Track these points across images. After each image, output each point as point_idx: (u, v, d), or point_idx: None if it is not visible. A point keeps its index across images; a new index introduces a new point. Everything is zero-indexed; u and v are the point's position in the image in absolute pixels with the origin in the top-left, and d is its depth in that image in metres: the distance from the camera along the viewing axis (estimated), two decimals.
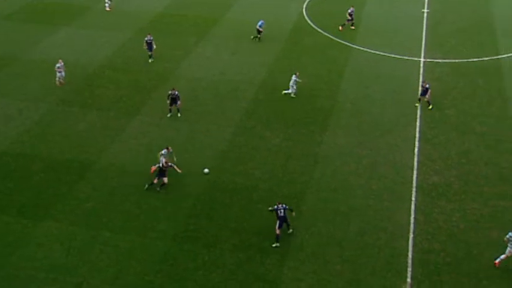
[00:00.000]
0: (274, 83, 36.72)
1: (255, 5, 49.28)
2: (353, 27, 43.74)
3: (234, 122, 32.50)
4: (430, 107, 33.38)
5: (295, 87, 34.77)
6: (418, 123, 32.18)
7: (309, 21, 45.74)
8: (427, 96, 33.35)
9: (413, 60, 39.32)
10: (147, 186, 27.08)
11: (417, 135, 31.17)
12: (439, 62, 38.80)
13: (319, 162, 29.07)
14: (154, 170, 27.17)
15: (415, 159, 29.26)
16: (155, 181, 26.99)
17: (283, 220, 24.04)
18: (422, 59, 39.37)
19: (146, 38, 38.69)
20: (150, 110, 33.69)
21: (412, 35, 43.05)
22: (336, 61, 39.37)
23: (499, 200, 26.32)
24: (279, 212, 24.03)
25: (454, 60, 38.96)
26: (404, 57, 39.69)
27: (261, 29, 41.86)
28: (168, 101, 32.57)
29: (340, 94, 35.29)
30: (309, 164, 28.89)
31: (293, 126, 32.09)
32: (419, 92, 33.98)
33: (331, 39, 42.69)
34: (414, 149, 30.00)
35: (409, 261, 23.17)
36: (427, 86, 33.35)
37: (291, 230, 24.62)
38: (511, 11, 46.69)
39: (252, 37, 42.21)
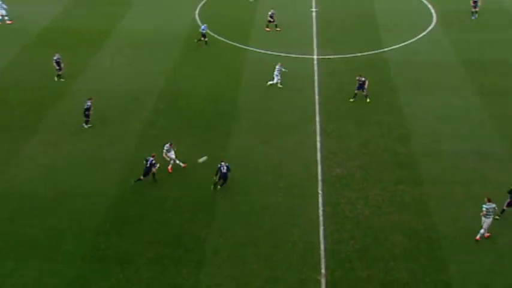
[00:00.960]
0: (174, 90, 36.46)
1: (147, 13, 48.62)
2: (278, 29, 44.58)
3: (137, 133, 31.89)
4: (368, 100, 34.52)
5: (279, 76, 36.26)
6: (317, 119, 33.33)
7: None
8: (364, 90, 34.34)
9: (307, 58, 40.68)
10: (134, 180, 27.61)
11: (318, 130, 32.27)
12: (331, 58, 40.42)
13: None
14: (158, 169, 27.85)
15: (318, 153, 30.29)
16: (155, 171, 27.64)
17: (224, 176, 26.98)
18: (315, 56, 40.83)
19: (55, 57, 36.81)
20: (48, 128, 32.20)
21: (304, 34, 44.49)
22: (233, 64, 39.82)
23: (397, 185, 27.91)
24: (222, 168, 26.90)
25: (345, 56, 40.73)
26: (299, 55, 40.96)
27: (204, 32, 42.01)
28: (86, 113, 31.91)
29: (240, 96, 35.73)
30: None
31: (197, 132, 32.06)
32: (356, 87, 34.47)
33: (226, 42, 43.11)
34: (317, 144, 31.05)
35: (322, 253, 23.97)
36: (363, 79, 34.25)
37: (221, 186, 27.24)
38: (391, 6, 49.59)
39: (195, 40, 42.11)
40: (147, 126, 32.53)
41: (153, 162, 27.32)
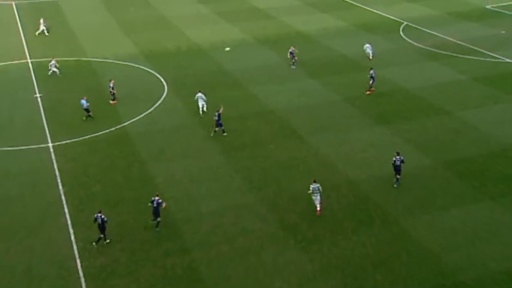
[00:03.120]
0: None
1: None
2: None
3: None
4: (225, 134, 38.26)
5: (204, 102, 41.54)
6: (66, 210, 30.45)
7: None
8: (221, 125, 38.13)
9: (41, 147, 37.37)
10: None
11: (69, 221, 29.44)
12: (69, 143, 37.87)
13: None
14: None
15: (75, 247, 27.47)
16: None
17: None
18: (50, 144, 37.77)
19: None
20: None
21: (32, 122, 40.95)
22: None
23: (166, 259, 26.73)
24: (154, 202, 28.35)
25: (83, 138, 38.58)
26: (31, 146, 37.41)
27: (86, 106, 40.53)
28: None
29: None
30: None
31: None
32: (215, 123, 37.95)
33: None
34: (71, 237, 28.16)
35: None
36: (218, 112, 37.96)
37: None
38: (121, 80, 49.08)
39: (84, 118, 40.54)
40: None
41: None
